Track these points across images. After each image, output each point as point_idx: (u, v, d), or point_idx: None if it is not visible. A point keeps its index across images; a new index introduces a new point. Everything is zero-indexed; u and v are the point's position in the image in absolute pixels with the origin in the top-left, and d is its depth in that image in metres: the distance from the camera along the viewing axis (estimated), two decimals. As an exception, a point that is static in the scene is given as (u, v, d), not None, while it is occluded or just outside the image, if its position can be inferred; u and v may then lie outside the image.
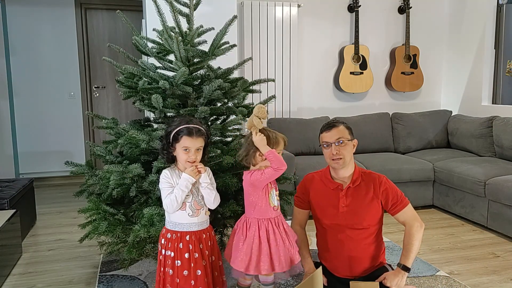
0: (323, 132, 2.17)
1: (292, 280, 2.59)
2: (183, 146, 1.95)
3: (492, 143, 4.13)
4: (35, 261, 2.97)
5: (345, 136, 2.12)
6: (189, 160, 1.95)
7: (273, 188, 2.06)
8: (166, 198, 1.97)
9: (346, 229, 2.14)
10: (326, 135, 2.14)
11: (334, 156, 2.10)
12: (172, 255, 1.99)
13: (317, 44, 4.82)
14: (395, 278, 2.04)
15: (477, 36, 4.71)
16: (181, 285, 1.96)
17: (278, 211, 2.08)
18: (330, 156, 2.12)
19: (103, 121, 2.57)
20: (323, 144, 2.15)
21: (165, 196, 1.98)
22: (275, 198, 2.06)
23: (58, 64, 5.38)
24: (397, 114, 4.70)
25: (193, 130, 1.95)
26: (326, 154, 2.15)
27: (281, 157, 1.98)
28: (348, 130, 2.16)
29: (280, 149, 2.04)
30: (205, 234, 2.03)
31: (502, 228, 3.35)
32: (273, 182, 2.06)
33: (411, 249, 2.07)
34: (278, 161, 1.95)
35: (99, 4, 5.52)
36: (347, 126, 2.17)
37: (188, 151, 1.95)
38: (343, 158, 2.10)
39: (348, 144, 2.13)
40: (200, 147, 1.97)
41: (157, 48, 2.64)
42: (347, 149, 2.12)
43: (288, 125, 4.32)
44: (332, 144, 2.10)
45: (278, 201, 2.09)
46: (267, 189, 2.03)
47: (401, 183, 3.86)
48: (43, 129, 5.39)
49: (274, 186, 2.07)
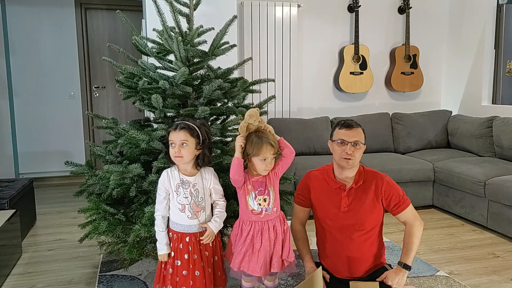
0: (342, 129, 2.10)
1: (292, 280, 2.59)
2: (170, 140, 1.97)
3: (492, 143, 4.13)
4: (35, 261, 2.97)
5: (362, 140, 2.11)
6: (175, 155, 1.95)
7: (253, 192, 2.02)
8: (156, 211, 2.04)
9: (347, 230, 2.14)
10: (346, 132, 2.09)
11: (347, 155, 2.06)
12: (172, 254, 2.01)
13: (317, 44, 4.82)
14: (396, 276, 2.04)
15: (477, 36, 4.72)
16: (180, 283, 1.98)
17: (260, 215, 2.03)
18: (342, 154, 2.07)
19: (103, 121, 2.57)
20: (338, 140, 2.10)
21: (158, 201, 2.03)
22: (254, 202, 2.02)
23: (58, 64, 5.37)
24: (397, 114, 4.70)
25: (177, 124, 1.96)
26: (337, 151, 2.10)
27: (238, 169, 1.97)
28: (364, 134, 2.15)
29: (262, 157, 1.97)
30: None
31: (502, 228, 3.35)
32: (255, 186, 2.03)
33: (412, 247, 2.08)
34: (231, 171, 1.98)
35: (99, 4, 5.52)
36: (363, 130, 2.15)
37: (174, 146, 1.95)
38: (354, 160, 2.08)
39: (362, 148, 2.11)
40: (185, 141, 1.93)
41: (157, 48, 2.64)
42: (360, 152, 2.10)
43: (288, 125, 4.32)
44: (348, 143, 2.07)
45: (264, 207, 2.03)
46: (245, 191, 2.03)
47: (401, 183, 3.85)
48: (43, 129, 5.39)
49: (255, 191, 2.03)
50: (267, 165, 2.00)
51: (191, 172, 2.03)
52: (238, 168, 1.97)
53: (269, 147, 1.97)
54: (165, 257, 2.01)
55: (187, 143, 1.94)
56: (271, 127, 2.06)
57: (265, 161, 1.98)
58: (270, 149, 1.98)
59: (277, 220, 2.08)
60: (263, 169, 2.01)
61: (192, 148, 1.96)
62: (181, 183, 2.00)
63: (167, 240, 2.02)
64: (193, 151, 1.97)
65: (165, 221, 2.04)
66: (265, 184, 2.04)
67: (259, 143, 1.97)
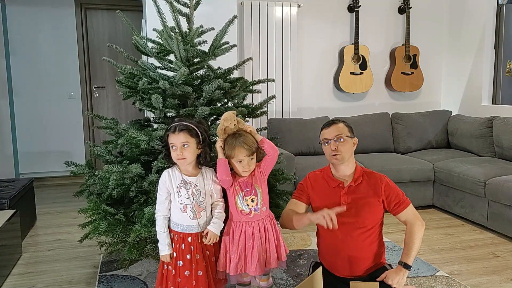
0: (323, 129, 2.18)
1: (292, 280, 2.59)
2: (170, 143, 1.96)
3: (492, 143, 4.13)
4: (35, 261, 2.97)
5: (345, 133, 2.13)
6: (178, 158, 1.94)
7: (240, 192, 2.03)
8: (157, 212, 2.02)
9: (347, 228, 2.14)
10: (326, 131, 2.15)
11: (333, 152, 2.10)
12: (174, 255, 2.00)
13: (317, 44, 4.83)
14: (396, 276, 2.04)
15: (477, 36, 4.72)
16: (182, 284, 1.97)
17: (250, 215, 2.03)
18: (329, 152, 2.13)
19: (103, 121, 2.57)
20: (323, 142, 2.15)
21: (159, 202, 2.02)
22: (243, 203, 2.03)
23: (58, 64, 5.38)
24: (397, 114, 4.70)
25: (175, 126, 1.95)
26: (326, 151, 2.16)
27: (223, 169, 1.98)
28: (348, 128, 2.16)
29: (236, 159, 1.98)
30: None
31: (502, 228, 3.35)
32: (242, 186, 2.04)
33: (413, 247, 2.07)
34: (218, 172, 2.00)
35: (99, 4, 5.52)
36: (347, 124, 2.18)
37: (175, 148, 1.94)
38: (341, 154, 2.10)
39: (348, 141, 2.13)
40: (186, 143, 1.93)
41: (157, 48, 2.64)
42: (346, 146, 2.12)
43: (288, 125, 4.32)
44: (331, 140, 2.11)
45: (252, 207, 2.03)
46: (234, 192, 2.04)
47: (401, 183, 3.86)
48: (43, 129, 5.39)
49: (242, 192, 2.03)
50: (244, 167, 2.01)
51: (193, 172, 2.03)
52: (224, 168, 1.99)
53: (241, 149, 1.97)
54: (168, 257, 2.00)
55: (188, 144, 1.94)
56: (252, 128, 2.06)
57: (241, 162, 2.00)
58: (243, 151, 1.97)
59: (267, 220, 2.08)
60: (241, 171, 2.02)
61: (194, 148, 1.96)
62: (183, 183, 2.00)
63: (169, 240, 2.01)
64: (194, 151, 1.97)
65: (166, 221, 2.03)
66: (251, 184, 2.05)
67: (231, 145, 1.99)
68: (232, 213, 2.07)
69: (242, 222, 2.05)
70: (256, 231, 2.04)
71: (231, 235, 2.06)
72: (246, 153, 1.98)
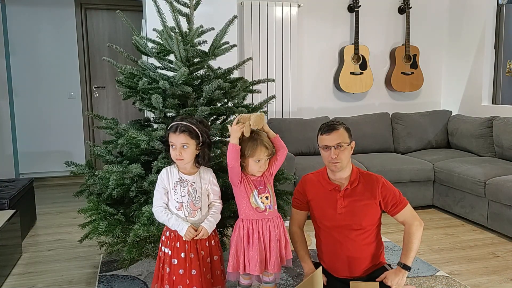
0: (322, 134, 2.14)
1: (292, 280, 2.59)
2: (170, 142, 1.98)
3: (492, 143, 4.13)
4: (35, 261, 2.97)
5: (345, 140, 2.11)
6: (176, 157, 1.97)
7: (255, 190, 2.05)
8: (156, 206, 2.02)
9: (344, 230, 2.14)
10: (326, 138, 2.11)
11: (333, 160, 2.09)
12: (169, 253, 2.01)
13: (317, 44, 4.82)
14: (396, 277, 2.04)
15: (477, 36, 4.71)
16: (177, 282, 1.99)
17: (265, 213, 2.05)
18: (328, 159, 2.11)
19: (103, 121, 2.57)
20: (322, 147, 2.14)
21: (155, 198, 2.04)
22: (258, 200, 2.05)
23: (58, 64, 5.37)
24: (397, 114, 4.70)
25: (177, 126, 1.97)
26: (324, 156, 2.15)
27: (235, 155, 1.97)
28: (347, 132, 2.15)
29: (256, 158, 2.00)
30: None
31: (502, 228, 3.35)
32: (255, 184, 2.05)
33: (411, 248, 2.07)
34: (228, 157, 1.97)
35: (99, 4, 5.52)
36: (346, 127, 2.16)
37: (175, 148, 1.97)
38: (341, 162, 2.10)
39: (347, 149, 2.12)
40: (186, 144, 1.95)
41: (157, 48, 2.64)
42: (346, 153, 2.11)
43: (288, 125, 4.32)
44: (331, 148, 2.09)
45: (267, 205, 2.06)
46: (247, 190, 2.04)
47: (401, 183, 3.86)
48: (43, 129, 5.39)
49: (257, 188, 2.05)
50: (260, 166, 2.03)
51: (190, 171, 2.05)
52: (236, 155, 1.98)
53: (263, 149, 2.01)
54: (191, 232, 1.95)
55: (188, 146, 1.96)
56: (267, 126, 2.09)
57: (259, 162, 2.02)
58: (265, 151, 2.02)
59: (278, 218, 2.11)
60: (256, 170, 2.04)
61: (193, 149, 1.99)
62: (179, 181, 2.02)
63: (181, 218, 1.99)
64: (193, 152, 2.00)
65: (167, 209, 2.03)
66: (263, 182, 2.08)
67: (254, 145, 2.00)
68: (244, 213, 2.06)
69: (258, 220, 2.05)
70: (272, 228, 2.06)
71: (245, 234, 2.04)
72: (267, 152, 2.03)
